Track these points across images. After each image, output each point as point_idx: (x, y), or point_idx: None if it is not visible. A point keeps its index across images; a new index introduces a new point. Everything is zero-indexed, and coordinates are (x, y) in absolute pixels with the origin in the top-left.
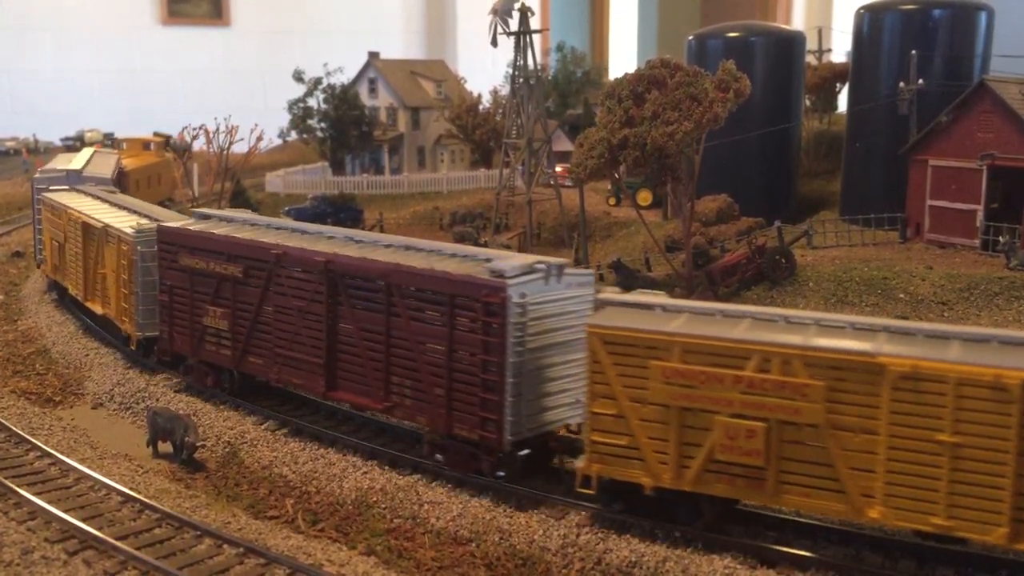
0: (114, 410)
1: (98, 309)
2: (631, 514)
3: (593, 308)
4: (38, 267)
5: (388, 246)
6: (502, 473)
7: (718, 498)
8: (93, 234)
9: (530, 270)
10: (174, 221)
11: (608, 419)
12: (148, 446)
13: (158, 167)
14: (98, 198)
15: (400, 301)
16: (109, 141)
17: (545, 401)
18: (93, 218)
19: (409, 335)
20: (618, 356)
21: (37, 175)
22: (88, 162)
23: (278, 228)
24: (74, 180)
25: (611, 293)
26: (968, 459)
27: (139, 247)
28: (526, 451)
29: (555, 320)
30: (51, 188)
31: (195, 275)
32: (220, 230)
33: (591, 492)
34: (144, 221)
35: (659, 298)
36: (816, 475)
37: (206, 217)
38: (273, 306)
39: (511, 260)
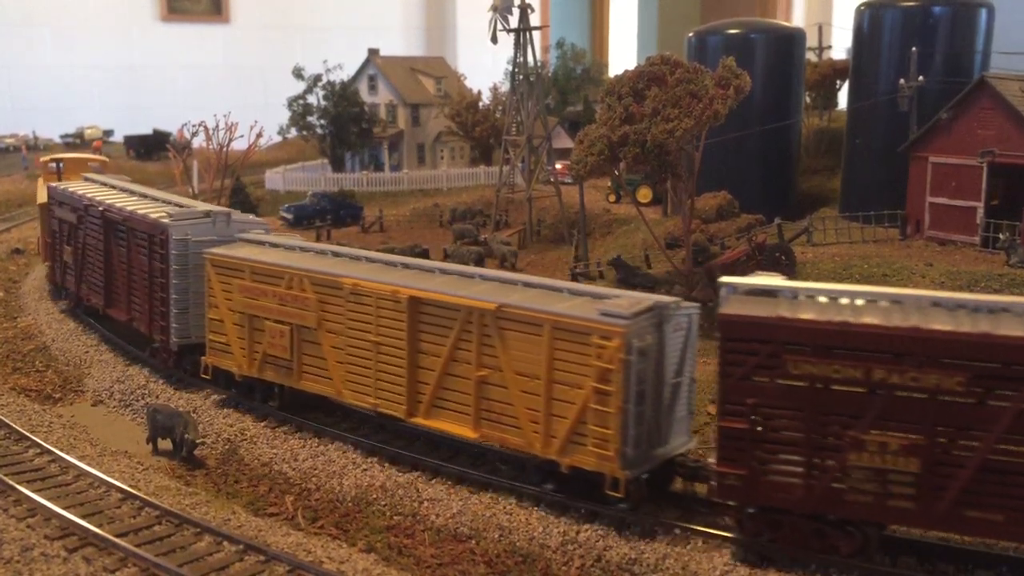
0: (114, 407)
1: (466, 432)
2: None
3: None
4: (174, 356)
5: None
6: None
7: None
8: (448, 318)
9: None
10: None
11: None
12: (148, 443)
13: None
14: (336, 255)
15: None
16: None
17: None
18: (446, 294)
19: None
20: None
21: (168, 221)
22: (144, 195)
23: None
24: (225, 227)
25: None
26: None
27: (634, 342)
28: None
29: None
30: (194, 239)
31: (826, 389)
32: (873, 317)
33: None
34: (539, 294)
35: None
36: None
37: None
38: None
39: None
